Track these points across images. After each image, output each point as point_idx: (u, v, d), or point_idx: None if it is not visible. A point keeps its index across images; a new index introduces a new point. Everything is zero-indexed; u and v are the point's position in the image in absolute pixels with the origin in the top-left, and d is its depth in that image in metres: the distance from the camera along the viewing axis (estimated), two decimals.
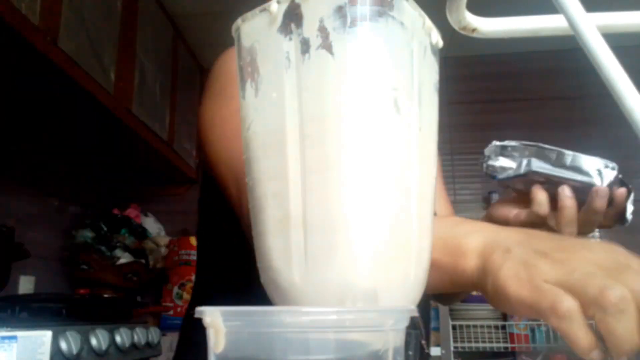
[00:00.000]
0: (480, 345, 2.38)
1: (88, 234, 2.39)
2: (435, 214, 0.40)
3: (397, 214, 0.34)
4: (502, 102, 2.94)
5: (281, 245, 0.34)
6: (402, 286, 0.35)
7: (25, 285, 2.05)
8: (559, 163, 0.70)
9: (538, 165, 0.70)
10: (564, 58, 2.85)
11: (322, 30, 0.33)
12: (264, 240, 0.36)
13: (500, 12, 0.50)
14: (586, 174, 0.69)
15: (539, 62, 2.95)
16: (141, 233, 2.60)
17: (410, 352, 0.29)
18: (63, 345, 1.08)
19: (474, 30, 0.46)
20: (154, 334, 1.63)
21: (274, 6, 0.35)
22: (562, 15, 0.28)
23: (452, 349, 2.25)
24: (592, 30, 0.27)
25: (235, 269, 0.65)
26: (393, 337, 0.29)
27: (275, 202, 0.35)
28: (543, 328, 2.38)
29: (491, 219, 0.75)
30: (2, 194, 1.98)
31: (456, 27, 0.47)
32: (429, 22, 0.39)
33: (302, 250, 0.33)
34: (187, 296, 2.63)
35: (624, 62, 0.27)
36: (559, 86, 2.93)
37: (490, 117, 2.92)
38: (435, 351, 2.26)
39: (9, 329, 0.35)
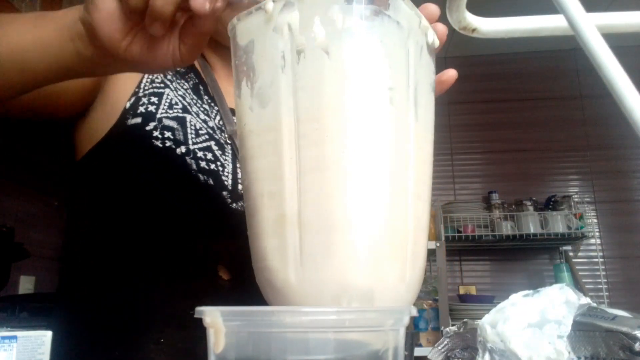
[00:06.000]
0: None
1: None
2: None
3: (393, 214, 0.34)
4: (502, 102, 2.94)
5: (277, 245, 0.34)
6: (397, 286, 0.35)
7: (25, 285, 2.05)
8: None
9: None
10: (564, 58, 2.85)
11: (318, 29, 0.33)
12: (259, 240, 0.36)
13: (500, 12, 0.50)
14: None
15: (539, 62, 2.95)
16: None
17: (406, 352, 0.29)
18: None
19: (474, 30, 0.46)
20: None
21: (269, 5, 0.35)
22: (562, 15, 0.28)
23: None
24: (592, 30, 0.27)
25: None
26: (393, 337, 0.29)
27: (271, 202, 0.35)
28: None
29: None
30: (2, 194, 1.98)
31: (456, 27, 0.47)
32: (425, 22, 0.39)
33: (298, 250, 0.33)
34: None
35: (624, 62, 0.27)
36: (559, 86, 2.93)
37: (490, 117, 2.92)
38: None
39: (9, 329, 0.35)
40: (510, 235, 2.55)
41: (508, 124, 2.91)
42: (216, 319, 0.28)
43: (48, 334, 0.36)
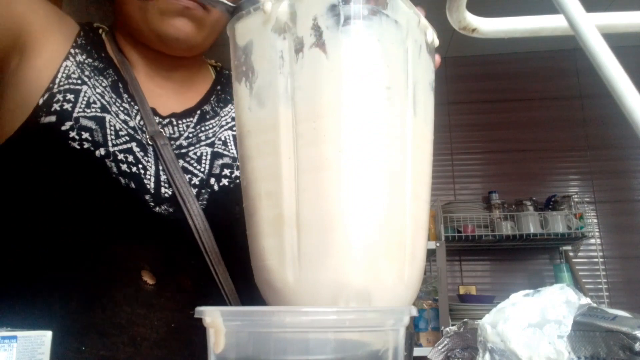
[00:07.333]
0: None
1: None
2: None
3: (391, 214, 0.34)
4: (502, 102, 2.94)
5: (275, 245, 0.34)
6: (396, 286, 0.35)
7: None
8: None
9: None
10: (564, 58, 2.85)
11: (316, 29, 0.33)
12: (258, 240, 0.36)
13: (500, 12, 0.50)
14: None
15: (539, 62, 2.95)
16: None
17: (405, 352, 0.29)
18: None
19: (474, 30, 0.46)
20: None
21: (267, 5, 0.35)
22: (562, 15, 0.28)
23: None
24: (592, 30, 0.27)
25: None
26: (393, 337, 0.29)
27: (269, 202, 0.35)
28: None
29: None
30: None
31: (456, 27, 0.47)
32: (424, 21, 0.39)
33: (296, 249, 0.33)
34: None
35: (624, 62, 0.27)
36: (559, 86, 2.93)
37: (490, 117, 2.92)
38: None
39: (9, 329, 0.35)
40: (510, 235, 2.55)
41: (508, 124, 2.91)
42: (216, 319, 0.28)
43: (48, 334, 0.36)
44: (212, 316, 0.28)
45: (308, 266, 0.33)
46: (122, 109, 0.64)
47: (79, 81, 0.62)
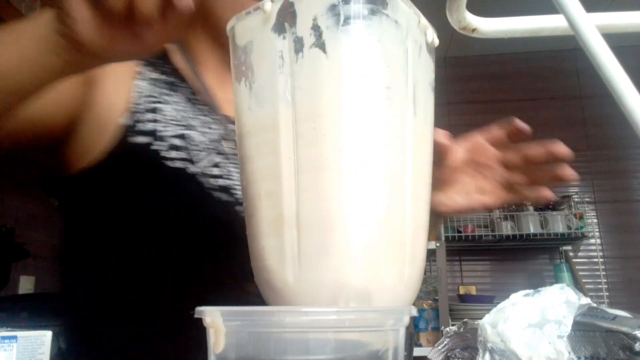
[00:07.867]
0: None
1: None
2: None
3: (390, 214, 0.34)
4: (502, 102, 2.94)
5: (275, 245, 0.34)
6: (396, 286, 0.35)
7: (25, 285, 2.05)
8: None
9: None
10: (564, 58, 2.85)
11: (316, 29, 0.33)
12: (258, 240, 0.36)
13: (500, 12, 0.50)
14: None
15: (539, 62, 2.95)
16: None
17: (405, 352, 0.29)
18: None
19: (474, 30, 0.46)
20: None
21: (267, 5, 0.35)
22: (562, 15, 0.29)
23: None
24: (592, 30, 0.27)
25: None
26: (393, 337, 0.29)
27: (269, 202, 0.35)
28: None
29: None
30: (2, 193, 1.98)
31: (456, 27, 0.47)
32: (424, 21, 0.39)
33: (296, 249, 0.33)
34: None
35: (624, 62, 0.27)
36: (559, 86, 2.93)
37: (490, 117, 2.91)
38: None
39: (9, 329, 0.35)
40: (510, 235, 2.55)
41: None
42: (216, 319, 0.28)
43: (48, 334, 0.36)
44: (212, 316, 0.28)
45: (308, 266, 0.33)
46: (201, 121, 0.65)
47: (156, 99, 0.64)
